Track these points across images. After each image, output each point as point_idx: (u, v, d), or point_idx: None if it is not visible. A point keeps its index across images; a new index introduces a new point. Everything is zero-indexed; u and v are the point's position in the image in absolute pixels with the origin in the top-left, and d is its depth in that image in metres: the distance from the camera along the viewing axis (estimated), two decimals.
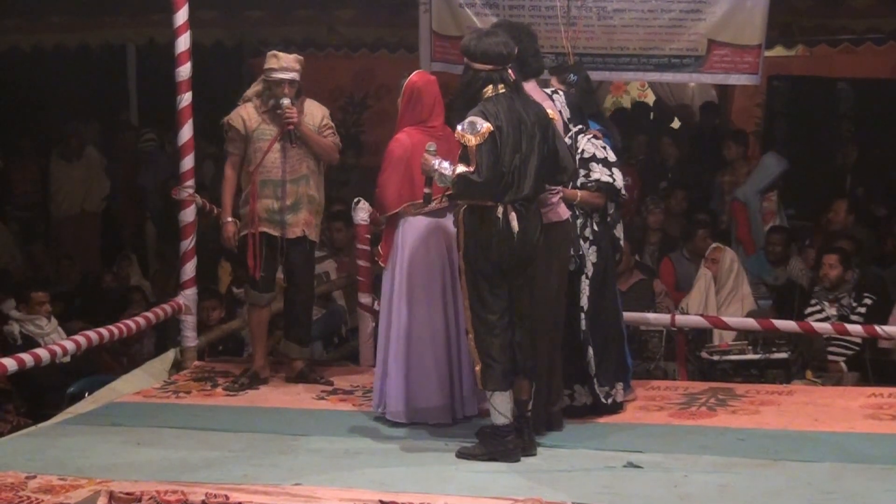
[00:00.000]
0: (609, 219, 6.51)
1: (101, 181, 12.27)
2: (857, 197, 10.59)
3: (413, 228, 6.33)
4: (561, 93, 6.44)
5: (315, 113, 7.18)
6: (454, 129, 5.81)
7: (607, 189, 6.41)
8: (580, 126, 6.46)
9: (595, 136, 6.49)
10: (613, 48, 8.14)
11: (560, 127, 6.09)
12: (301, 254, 7.21)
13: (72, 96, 12.80)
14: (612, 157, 6.48)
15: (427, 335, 6.29)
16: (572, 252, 6.29)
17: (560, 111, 6.31)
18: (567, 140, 6.22)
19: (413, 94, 6.36)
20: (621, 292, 7.48)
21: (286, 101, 6.96)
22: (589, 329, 6.37)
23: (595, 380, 6.39)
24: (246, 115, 7.09)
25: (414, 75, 6.51)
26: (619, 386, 6.52)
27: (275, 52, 7.12)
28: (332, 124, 7.22)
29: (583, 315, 6.36)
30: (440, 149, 5.89)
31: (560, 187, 6.11)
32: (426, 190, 5.95)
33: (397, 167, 6.28)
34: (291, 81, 7.03)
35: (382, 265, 6.47)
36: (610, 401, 6.46)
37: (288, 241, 7.14)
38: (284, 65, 7.02)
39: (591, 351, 6.37)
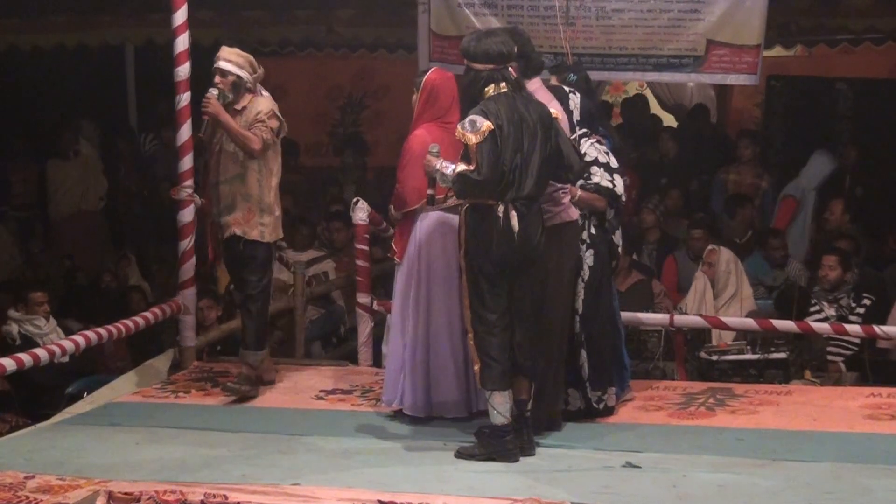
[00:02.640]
0: (608, 224, 6.49)
1: (98, 180, 12.25)
2: (856, 197, 10.59)
3: (431, 224, 6.33)
4: (578, 94, 6.44)
5: (257, 110, 6.94)
6: None
7: (607, 193, 6.40)
8: (584, 130, 6.45)
9: (598, 141, 6.49)
10: (612, 48, 8.14)
11: (565, 125, 6.08)
12: (235, 254, 7.07)
13: (70, 96, 12.79)
14: (614, 163, 6.47)
15: (445, 330, 6.30)
16: None
17: (572, 111, 6.33)
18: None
19: (432, 91, 6.37)
20: (620, 293, 7.48)
21: (212, 91, 6.86)
22: (582, 333, 6.37)
23: (587, 384, 6.39)
24: (209, 121, 7.05)
25: (432, 73, 6.52)
26: (612, 390, 6.51)
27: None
28: (266, 120, 6.88)
29: (577, 318, 6.36)
30: (456, 146, 5.88)
31: (568, 186, 6.12)
32: (429, 191, 5.97)
33: (417, 163, 6.23)
34: (222, 71, 6.90)
35: (397, 261, 6.47)
36: (602, 406, 6.45)
37: (225, 242, 7.08)
38: (220, 55, 6.95)
39: (584, 354, 6.37)
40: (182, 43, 7.51)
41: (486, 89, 5.77)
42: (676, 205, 10.59)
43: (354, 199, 7.94)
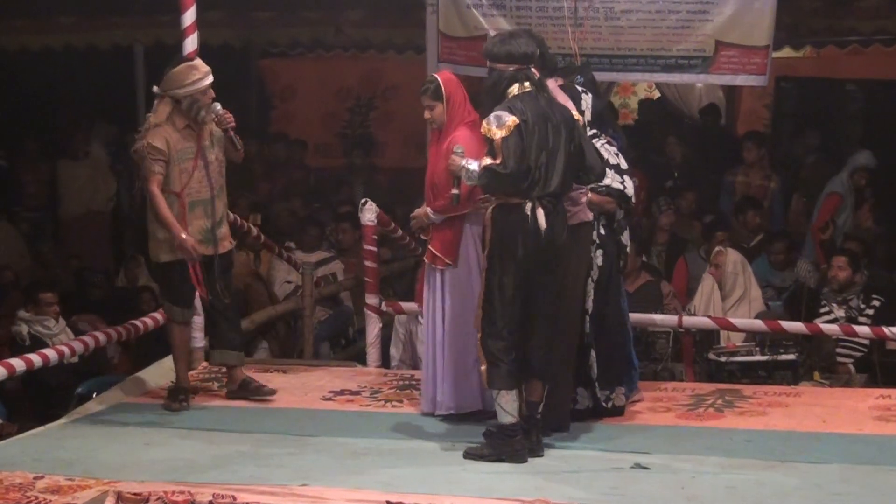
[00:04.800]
0: (616, 224, 6.49)
1: (108, 181, 12.29)
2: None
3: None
4: (590, 94, 6.44)
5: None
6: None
7: (618, 196, 6.40)
8: (594, 131, 6.45)
9: (609, 143, 6.48)
10: (621, 49, 8.13)
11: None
12: (225, 264, 6.93)
13: (80, 97, 12.83)
14: (624, 164, 6.47)
15: None
16: None
17: (584, 111, 6.33)
18: None
19: (456, 93, 6.33)
20: (628, 294, 7.47)
21: (218, 106, 6.72)
22: (592, 332, 6.37)
23: (596, 384, 6.39)
24: (168, 136, 6.69)
25: (444, 76, 6.46)
26: (620, 390, 6.51)
27: (188, 63, 6.85)
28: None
29: (587, 318, 6.36)
30: (485, 144, 5.82)
31: (585, 187, 6.13)
32: (454, 191, 5.96)
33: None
34: (211, 84, 6.77)
35: (445, 264, 6.31)
36: (610, 405, 6.45)
37: (220, 257, 6.85)
38: (205, 70, 6.76)
39: (593, 354, 6.37)
40: (191, 44, 7.52)
41: (510, 89, 5.79)
42: (690, 207, 10.56)
43: (363, 200, 7.95)
